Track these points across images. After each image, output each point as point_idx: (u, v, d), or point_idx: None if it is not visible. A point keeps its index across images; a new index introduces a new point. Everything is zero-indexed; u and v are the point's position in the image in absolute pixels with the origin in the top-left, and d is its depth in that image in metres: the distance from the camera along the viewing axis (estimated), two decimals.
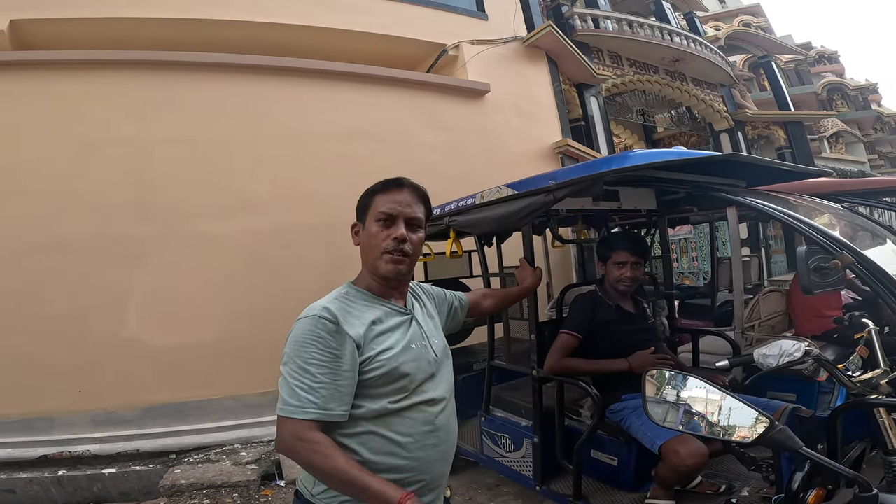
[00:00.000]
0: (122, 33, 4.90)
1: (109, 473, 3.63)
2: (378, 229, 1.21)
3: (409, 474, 1.15)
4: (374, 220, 1.22)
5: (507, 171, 3.61)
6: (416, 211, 1.25)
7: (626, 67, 9.39)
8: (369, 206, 1.25)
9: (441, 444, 1.21)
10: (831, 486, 1.36)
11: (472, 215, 2.54)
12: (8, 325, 3.88)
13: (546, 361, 2.40)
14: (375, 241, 1.21)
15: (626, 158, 1.94)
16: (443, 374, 1.27)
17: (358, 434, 1.13)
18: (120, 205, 4.20)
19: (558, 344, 2.39)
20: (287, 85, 4.94)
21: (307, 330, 1.11)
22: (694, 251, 9.90)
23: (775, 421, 1.01)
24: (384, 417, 1.14)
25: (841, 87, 17.41)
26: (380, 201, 1.23)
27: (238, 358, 4.27)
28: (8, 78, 4.18)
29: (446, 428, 1.23)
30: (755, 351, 1.63)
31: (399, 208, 1.22)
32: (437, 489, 1.23)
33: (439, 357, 1.27)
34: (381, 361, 1.14)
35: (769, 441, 1.01)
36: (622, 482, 2.34)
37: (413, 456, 1.15)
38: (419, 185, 1.28)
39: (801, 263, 1.36)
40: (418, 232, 1.26)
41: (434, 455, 1.20)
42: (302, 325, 1.12)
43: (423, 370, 1.20)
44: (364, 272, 1.27)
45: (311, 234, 4.54)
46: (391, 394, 1.14)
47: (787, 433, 1.01)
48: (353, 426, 1.13)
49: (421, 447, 1.16)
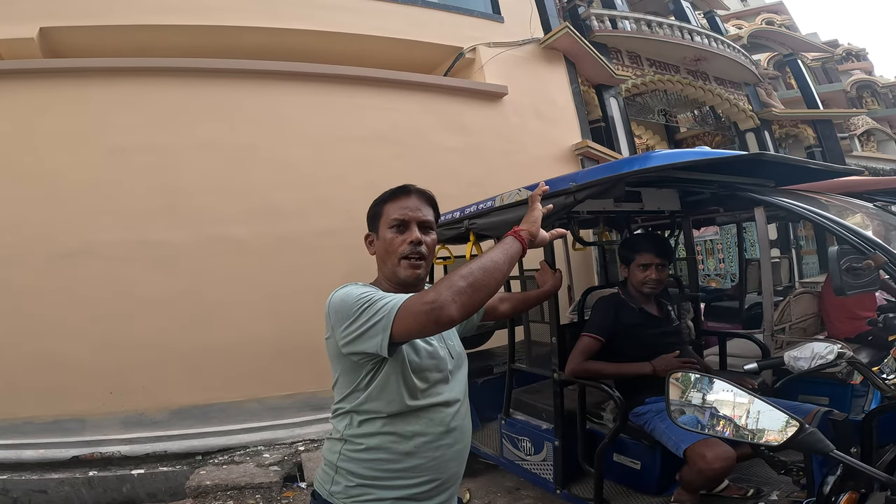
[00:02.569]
0: (147, 41, 5.06)
1: (138, 474, 3.70)
2: (393, 236, 1.24)
3: (424, 474, 1.16)
4: (387, 227, 1.25)
5: (527, 174, 3.60)
6: (426, 214, 1.27)
7: (646, 67, 9.26)
8: (380, 215, 1.28)
9: (456, 444, 1.22)
10: (864, 489, 1.32)
11: (491, 218, 2.53)
12: (42, 328, 4.01)
13: (567, 364, 2.37)
14: (392, 247, 1.24)
15: (648, 159, 1.91)
16: (458, 377, 1.28)
17: (374, 434, 1.15)
18: (149, 210, 4.32)
19: (580, 347, 2.37)
20: (308, 90, 5.02)
21: (347, 288, 1.14)
22: (720, 253, 9.69)
23: (805, 424, 0.98)
24: (400, 416, 1.15)
25: (870, 85, 16.88)
26: (390, 209, 1.26)
27: (261, 361, 4.33)
28: (38, 85, 4.34)
29: (461, 429, 1.24)
30: (786, 353, 1.59)
31: (410, 213, 1.24)
32: (450, 489, 1.23)
33: (455, 359, 1.28)
34: (403, 355, 1.15)
35: (799, 444, 0.98)
36: (645, 486, 2.30)
37: (429, 455, 1.16)
38: (425, 190, 1.31)
39: (833, 264, 1.32)
40: (430, 234, 1.28)
41: (449, 454, 1.20)
42: (340, 291, 1.15)
43: (440, 370, 1.21)
44: (380, 280, 1.29)
45: (333, 238, 4.59)
46: (407, 392, 1.15)
47: (817, 436, 0.98)
48: (369, 426, 1.15)
49: (436, 447, 1.17)
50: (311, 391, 4.30)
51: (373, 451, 1.15)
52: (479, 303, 1.01)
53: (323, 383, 4.45)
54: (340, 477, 1.17)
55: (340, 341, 1.12)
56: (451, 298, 0.96)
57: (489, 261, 1.05)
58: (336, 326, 1.13)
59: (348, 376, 1.17)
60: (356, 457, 1.16)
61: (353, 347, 1.10)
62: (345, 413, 1.19)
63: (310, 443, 4.07)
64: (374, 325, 1.04)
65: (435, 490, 1.17)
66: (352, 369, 1.16)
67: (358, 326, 1.07)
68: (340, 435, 1.19)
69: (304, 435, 4.15)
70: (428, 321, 0.97)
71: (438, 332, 1.05)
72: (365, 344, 1.06)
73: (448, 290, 0.97)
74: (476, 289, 0.99)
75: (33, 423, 3.94)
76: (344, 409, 1.19)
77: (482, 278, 1.01)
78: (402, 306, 1.02)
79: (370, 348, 1.06)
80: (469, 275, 1.00)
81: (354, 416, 1.17)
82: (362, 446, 1.16)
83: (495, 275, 1.04)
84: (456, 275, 1.00)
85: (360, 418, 1.17)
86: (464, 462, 1.28)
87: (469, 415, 1.31)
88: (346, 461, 1.17)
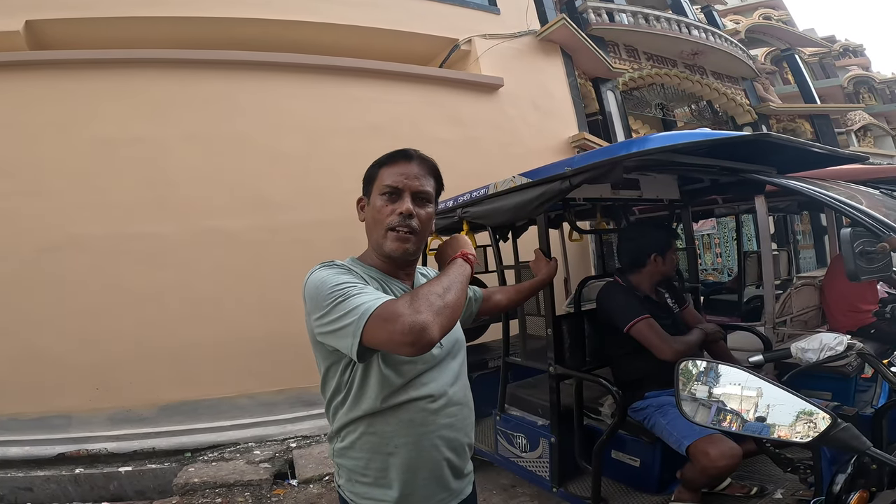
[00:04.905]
0: (137, 32, 4.95)
1: (126, 472, 3.63)
2: (383, 204, 1.11)
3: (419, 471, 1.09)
4: (378, 193, 1.13)
5: (523, 166, 3.50)
6: (425, 184, 1.14)
7: (644, 61, 9.20)
8: (375, 178, 1.16)
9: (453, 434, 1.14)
10: (875, 487, 1.25)
11: (485, 206, 2.46)
12: (26, 323, 3.93)
13: (663, 352, 2.05)
14: (380, 216, 1.11)
15: (646, 141, 1.83)
16: (450, 367, 1.16)
17: (357, 433, 1.09)
18: (137, 203, 4.23)
19: (654, 331, 2.10)
20: (301, 81, 4.94)
21: (325, 271, 1.05)
22: (718, 247, 9.64)
23: (838, 418, 0.89)
24: (379, 415, 1.07)
25: (868, 81, 16.83)
26: (385, 174, 1.13)
27: (252, 356, 4.26)
28: (25, 78, 4.24)
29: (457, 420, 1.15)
30: (793, 345, 1.51)
31: (405, 181, 1.11)
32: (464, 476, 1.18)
33: (445, 347, 1.16)
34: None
35: (832, 440, 0.89)
36: (645, 484, 2.23)
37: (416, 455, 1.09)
38: (428, 157, 1.18)
39: (846, 247, 1.25)
40: (427, 207, 1.15)
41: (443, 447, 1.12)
42: (317, 273, 1.05)
43: (424, 361, 1.10)
44: (369, 251, 1.18)
45: (326, 230, 4.50)
46: (382, 388, 1.05)
47: (853, 431, 0.89)
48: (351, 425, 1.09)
49: (425, 446, 1.10)
50: (302, 387, 4.22)
51: (359, 451, 1.08)
52: (452, 324, 0.96)
53: (315, 379, 4.42)
54: (343, 471, 1.13)
55: (315, 329, 1.03)
56: (433, 319, 0.89)
57: (456, 281, 1.02)
58: (310, 313, 1.04)
59: (327, 365, 1.10)
60: (347, 455, 1.11)
61: (326, 340, 1.02)
62: (331, 409, 1.13)
63: (301, 439, 3.99)
64: (344, 326, 0.95)
65: (434, 480, 1.10)
66: (329, 357, 1.08)
67: (330, 322, 0.98)
68: (335, 431, 1.13)
69: (295, 431, 4.08)
70: (404, 342, 0.88)
71: (413, 355, 0.94)
72: (338, 342, 0.98)
73: (428, 309, 0.90)
74: (453, 309, 0.95)
75: (18, 420, 3.87)
76: (329, 404, 1.13)
77: (454, 299, 0.97)
78: (375, 314, 0.91)
79: (343, 348, 0.97)
80: (444, 293, 0.96)
81: (338, 412, 1.10)
82: (348, 444, 1.10)
83: (462, 297, 1.01)
84: (429, 293, 0.94)
85: (343, 417, 1.10)
86: (465, 448, 1.19)
87: (468, 401, 1.21)
88: (340, 458, 1.13)
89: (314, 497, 3.30)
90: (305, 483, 3.45)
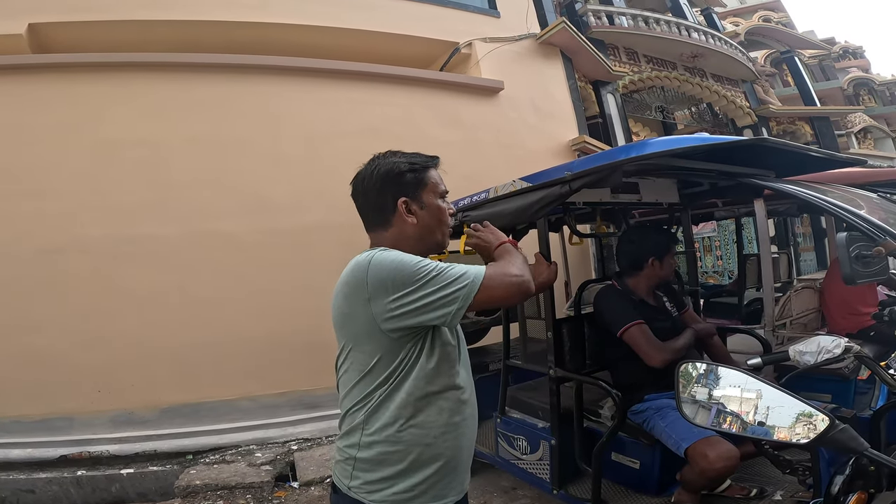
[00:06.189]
0: (138, 36, 4.98)
1: (128, 474, 3.63)
2: (445, 206, 1.24)
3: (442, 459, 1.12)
4: (437, 196, 1.23)
5: (524, 169, 3.51)
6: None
7: (644, 64, 9.22)
8: (425, 182, 1.21)
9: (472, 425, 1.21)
10: (874, 489, 1.26)
11: (485, 210, 2.47)
12: (28, 325, 3.94)
13: (652, 359, 2.10)
14: (444, 217, 1.24)
15: (645, 146, 1.84)
16: (464, 358, 1.24)
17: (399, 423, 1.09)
18: (139, 205, 4.25)
19: (644, 337, 2.13)
20: (301, 85, 4.96)
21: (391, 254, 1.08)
22: (718, 250, 9.64)
23: (836, 419, 0.90)
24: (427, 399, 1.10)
25: (867, 83, 16.85)
26: (433, 177, 1.23)
27: (254, 358, 4.27)
28: (27, 81, 4.27)
29: (474, 411, 1.22)
30: (791, 348, 1.52)
31: (444, 184, 1.26)
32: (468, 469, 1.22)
33: (457, 338, 1.23)
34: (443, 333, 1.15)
35: (829, 441, 0.90)
36: (645, 486, 2.24)
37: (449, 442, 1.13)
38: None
39: (842, 251, 1.26)
40: None
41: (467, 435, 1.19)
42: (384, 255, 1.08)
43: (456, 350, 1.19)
44: (404, 250, 1.15)
45: (327, 233, 4.51)
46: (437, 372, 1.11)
47: (850, 433, 0.90)
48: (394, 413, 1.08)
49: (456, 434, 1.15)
50: (304, 389, 4.23)
51: (396, 443, 1.08)
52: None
53: (317, 381, 4.38)
54: (359, 471, 1.10)
55: (387, 314, 1.03)
56: (530, 277, 1.12)
57: (522, 257, 1.20)
58: (381, 297, 1.03)
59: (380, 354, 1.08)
60: (379, 449, 1.09)
61: (406, 321, 1.04)
62: (366, 403, 1.10)
63: (303, 442, 4.00)
64: (452, 293, 1.02)
65: (453, 466, 1.14)
66: (385, 345, 1.07)
67: (424, 295, 1.02)
68: (359, 426, 1.11)
69: (297, 434, 4.08)
70: (518, 293, 1.10)
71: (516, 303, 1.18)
72: (429, 315, 1.03)
73: (526, 271, 1.12)
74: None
75: (21, 422, 3.88)
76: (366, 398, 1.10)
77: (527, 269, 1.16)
78: (489, 275, 1.06)
79: (433, 319, 1.03)
80: (523, 263, 1.16)
81: (377, 405, 1.09)
82: (383, 438, 1.08)
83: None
84: (519, 261, 1.16)
85: (384, 407, 1.08)
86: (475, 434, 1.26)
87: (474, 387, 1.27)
88: (367, 452, 1.10)
89: (315, 499, 3.31)
90: (307, 485, 3.46)
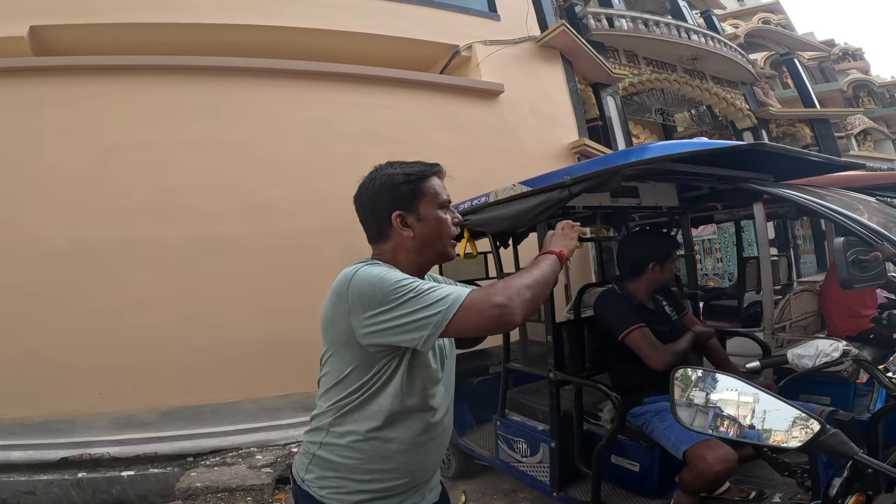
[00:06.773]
0: (138, 39, 4.99)
1: (128, 476, 3.64)
2: (446, 217, 1.18)
3: (405, 474, 1.12)
4: (436, 206, 1.17)
5: (523, 173, 3.52)
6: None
7: (643, 66, 9.24)
8: (423, 193, 1.16)
9: (440, 443, 1.19)
10: (872, 491, 1.27)
11: (485, 214, 2.48)
12: (30, 328, 3.94)
13: (654, 362, 2.13)
14: (447, 229, 1.18)
15: (644, 151, 1.86)
16: (447, 377, 1.20)
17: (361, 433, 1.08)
18: (140, 208, 4.24)
19: (647, 340, 2.15)
20: (300, 87, 4.96)
21: (375, 269, 1.04)
22: (718, 252, 9.65)
23: (826, 424, 0.92)
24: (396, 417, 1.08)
25: (867, 84, 16.89)
26: (433, 188, 1.18)
27: (254, 361, 4.26)
28: (29, 83, 4.27)
29: (446, 429, 1.20)
30: (789, 351, 1.53)
31: (448, 194, 1.21)
32: (430, 479, 1.21)
33: (441, 353, 1.19)
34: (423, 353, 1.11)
35: (820, 446, 0.92)
36: (644, 488, 2.25)
37: (413, 460, 1.12)
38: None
39: (840, 256, 1.27)
40: None
41: (433, 453, 1.18)
42: (366, 271, 1.03)
43: (436, 370, 1.15)
44: (400, 262, 1.15)
45: (327, 236, 4.51)
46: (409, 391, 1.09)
47: (840, 437, 0.92)
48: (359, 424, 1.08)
49: (422, 452, 1.13)
50: (305, 391, 4.23)
51: (355, 451, 1.09)
52: (532, 314, 1.04)
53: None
54: (315, 466, 1.12)
55: (363, 329, 1.01)
56: (519, 306, 0.97)
57: (543, 276, 1.06)
58: (358, 311, 1.00)
59: (353, 365, 1.07)
60: (338, 452, 1.10)
61: (379, 339, 1.00)
62: (337, 407, 1.10)
63: None
64: (425, 318, 0.96)
65: (411, 483, 1.13)
66: (360, 357, 1.06)
67: (397, 317, 0.97)
68: (325, 426, 1.12)
69: (298, 436, 4.08)
70: (496, 324, 0.97)
71: (495, 333, 1.05)
72: (400, 337, 0.98)
73: (518, 297, 0.97)
74: (535, 301, 1.01)
75: (21, 424, 3.87)
76: (337, 403, 1.10)
77: (540, 293, 1.03)
78: (467, 302, 0.96)
79: (405, 342, 0.98)
80: (533, 286, 1.01)
81: (348, 413, 1.09)
82: (344, 443, 1.09)
83: (546, 291, 1.06)
84: (519, 283, 1.00)
85: (352, 417, 1.09)
86: (440, 461, 1.26)
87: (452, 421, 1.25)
88: (326, 452, 1.11)
89: None
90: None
